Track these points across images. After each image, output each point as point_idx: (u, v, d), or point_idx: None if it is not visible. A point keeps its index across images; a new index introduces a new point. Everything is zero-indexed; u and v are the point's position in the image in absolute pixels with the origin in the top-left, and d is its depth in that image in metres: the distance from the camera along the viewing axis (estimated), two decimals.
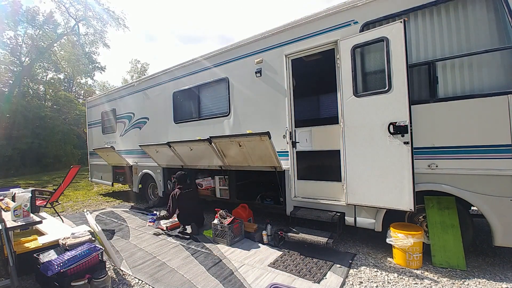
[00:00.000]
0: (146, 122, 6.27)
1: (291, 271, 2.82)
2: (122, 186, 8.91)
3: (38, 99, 20.91)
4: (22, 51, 19.42)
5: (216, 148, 4.20)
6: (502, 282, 2.48)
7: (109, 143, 7.42)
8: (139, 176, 6.47)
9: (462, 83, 2.71)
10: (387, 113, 2.87)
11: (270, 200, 4.45)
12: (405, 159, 2.77)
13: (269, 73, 4.04)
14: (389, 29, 2.85)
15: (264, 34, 4.07)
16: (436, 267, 2.79)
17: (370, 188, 3.03)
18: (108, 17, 21.26)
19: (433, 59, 2.82)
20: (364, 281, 2.60)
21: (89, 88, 27.54)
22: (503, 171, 2.49)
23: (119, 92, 7.19)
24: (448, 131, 2.73)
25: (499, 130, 2.49)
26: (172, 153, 4.99)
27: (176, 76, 5.47)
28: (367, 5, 3.15)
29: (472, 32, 2.66)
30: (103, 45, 23.06)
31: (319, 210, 3.61)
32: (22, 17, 18.08)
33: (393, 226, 2.98)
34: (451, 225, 2.81)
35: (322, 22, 3.51)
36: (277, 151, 3.73)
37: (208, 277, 2.79)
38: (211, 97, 4.97)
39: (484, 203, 2.59)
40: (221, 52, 4.66)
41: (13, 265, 2.53)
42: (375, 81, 3.05)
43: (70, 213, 6.02)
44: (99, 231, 3.00)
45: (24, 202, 2.90)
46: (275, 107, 3.97)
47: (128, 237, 4.18)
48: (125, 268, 3.08)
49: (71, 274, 2.48)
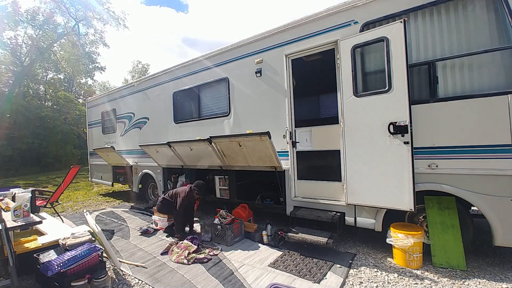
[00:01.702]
0: (146, 122, 6.27)
1: (291, 271, 2.82)
2: (122, 186, 8.91)
3: (38, 99, 20.95)
4: (22, 51, 19.45)
5: (216, 148, 4.20)
6: (502, 282, 2.48)
7: (109, 143, 7.41)
8: (139, 176, 6.47)
9: (462, 83, 2.71)
10: (387, 113, 2.87)
11: (270, 200, 4.45)
12: (405, 159, 2.77)
13: (269, 73, 4.04)
14: (389, 29, 2.85)
15: (264, 34, 4.07)
16: (436, 267, 2.79)
17: (370, 188, 3.03)
18: (108, 17, 21.30)
19: (433, 59, 2.82)
20: (364, 281, 2.60)
21: (89, 88, 27.52)
22: (503, 171, 2.49)
23: (119, 92, 7.19)
24: (448, 131, 2.73)
25: (499, 130, 2.49)
26: (172, 153, 4.99)
27: (176, 76, 5.47)
28: (367, 5, 3.15)
29: (472, 32, 2.66)
30: (103, 45, 23.13)
31: (319, 210, 3.61)
32: (22, 17, 18.11)
33: (393, 226, 2.98)
34: (451, 225, 2.81)
35: (322, 22, 3.51)
36: (277, 151, 3.73)
37: (208, 277, 2.79)
38: (211, 97, 4.97)
39: (484, 203, 2.59)
40: (221, 52, 4.66)
41: (13, 265, 2.53)
42: (375, 81, 3.05)
43: (70, 213, 6.02)
44: (98, 231, 2.99)
45: (24, 202, 2.90)
46: (275, 107, 3.97)
47: (128, 237, 4.18)
48: (125, 268, 3.08)
49: (71, 274, 2.48)
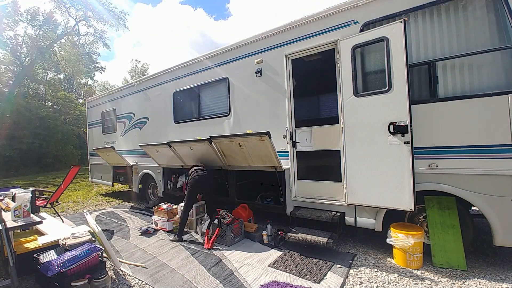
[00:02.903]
0: (146, 122, 6.27)
1: (291, 271, 2.82)
2: (122, 186, 8.91)
3: (38, 99, 20.95)
4: (22, 51, 19.45)
5: (216, 148, 4.20)
6: (502, 282, 2.47)
7: (109, 143, 7.41)
8: (139, 176, 6.47)
9: (462, 83, 2.71)
10: (387, 113, 2.87)
11: (270, 200, 4.45)
12: (405, 159, 2.77)
13: (269, 73, 4.04)
14: (389, 29, 2.85)
15: (264, 34, 4.07)
16: (437, 267, 2.79)
17: (371, 188, 3.03)
18: (108, 16, 21.29)
19: (433, 59, 2.82)
20: (364, 281, 2.60)
21: (89, 88, 27.53)
22: (503, 171, 2.49)
23: (120, 92, 7.19)
24: (448, 131, 2.73)
25: (499, 130, 2.49)
26: (172, 153, 4.99)
27: (176, 76, 5.47)
28: (367, 5, 3.15)
29: (472, 32, 2.66)
30: (103, 45, 23.13)
31: (319, 210, 3.61)
32: (22, 17, 18.11)
33: (393, 226, 2.98)
34: (451, 225, 2.81)
35: (322, 22, 3.51)
36: (277, 151, 3.73)
37: (208, 277, 2.79)
38: (211, 97, 4.97)
39: (484, 203, 2.59)
40: (222, 52, 4.66)
41: (13, 265, 2.53)
42: (375, 81, 3.05)
43: (70, 213, 6.02)
44: (99, 231, 2.99)
45: (24, 202, 2.90)
46: (275, 107, 3.97)
47: (128, 237, 4.18)
48: (125, 268, 3.08)
49: (71, 274, 2.48)
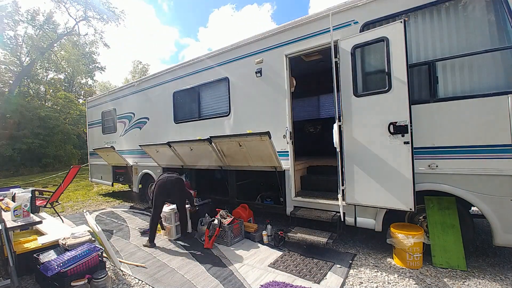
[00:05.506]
0: (146, 122, 6.27)
1: (291, 272, 2.82)
2: (122, 186, 8.91)
3: (39, 99, 20.93)
4: (23, 51, 19.46)
5: (216, 148, 4.20)
6: (502, 282, 2.47)
7: (109, 143, 7.41)
8: (139, 176, 6.47)
9: (462, 83, 2.70)
10: (387, 113, 2.87)
11: (270, 200, 4.44)
12: (405, 159, 2.76)
13: (269, 73, 4.04)
14: (389, 29, 2.85)
15: (264, 34, 4.07)
16: (437, 268, 2.79)
17: (370, 188, 3.03)
18: (108, 16, 21.28)
19: (433, 59, 2.82)
20: (364, 282, 2.60)
21: (90, 88, 27.52)
22: (503, 171, 2.49)
23: (120, 92, 7.19)
24: (448, 131, 2.73)
25: (499, 130, 2.49)
26: (172, 153, 4.99)
27: (177, 76, 5.47)
28: (367, 5, 3.15)
29: (472, 32, 2.66)
30: (103, 45, 23.13)
31: (319, 210, 3.61)
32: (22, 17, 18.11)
33: (393, 226, 2.98)
34: (451, 225, 2.80)
35: (322, 22, 3.50)
36: (277, 151, 3.73)
37: (208, 277, 2.79)
38: (211, 97, 4.97)
39: (484, 203, 2.59)
40: (222, 52, 4.66)
41: (13, 265, 2.53)
42: (375, 81, 3.05)
43: (70, 213, 6.02)
44: (99, 231, 2.99)
45: (24, 202, 2.91)
46: (275, 107, 3.97)
47: (128, 237, 4.18)
48: (125, 268, 3.08)
49: (71, 274, 2.48)
